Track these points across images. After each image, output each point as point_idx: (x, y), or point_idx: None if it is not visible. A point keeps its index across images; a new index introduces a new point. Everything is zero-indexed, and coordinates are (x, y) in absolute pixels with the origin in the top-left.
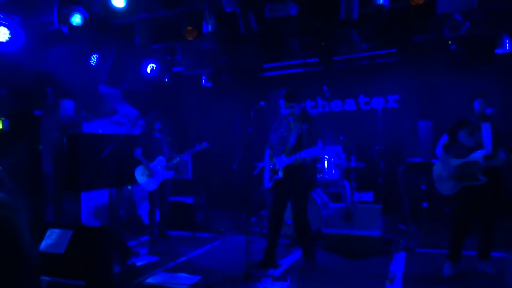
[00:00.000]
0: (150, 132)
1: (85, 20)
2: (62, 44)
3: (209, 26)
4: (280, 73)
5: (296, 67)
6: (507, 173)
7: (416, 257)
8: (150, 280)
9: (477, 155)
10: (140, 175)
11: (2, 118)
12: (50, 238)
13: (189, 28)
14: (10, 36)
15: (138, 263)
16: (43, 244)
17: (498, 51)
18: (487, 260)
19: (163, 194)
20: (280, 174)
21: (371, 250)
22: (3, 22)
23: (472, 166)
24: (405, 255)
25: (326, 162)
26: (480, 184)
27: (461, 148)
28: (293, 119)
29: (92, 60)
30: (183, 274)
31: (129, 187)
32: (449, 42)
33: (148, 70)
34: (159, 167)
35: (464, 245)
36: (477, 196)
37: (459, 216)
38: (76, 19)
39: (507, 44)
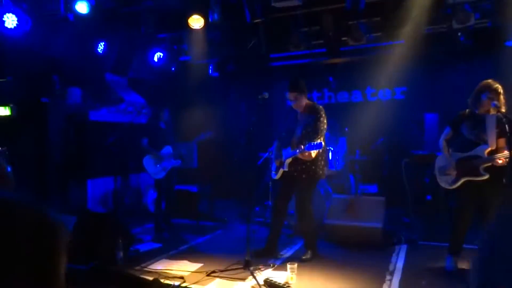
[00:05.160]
0: (157, 122)
1: (92, 8)
2: (69, 31)
3: (215, 15)
4: (287, 64)
5: (303, 58)
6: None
7: (418, 250)
8: (152, 266)
9: (480, 149)
10: (148, 163)
11: (11, 105)
12: None
13: (196, 16)
14: (17, 23)
15: (142, 250)
16: None
17: (508, 43)
18: None
19: (169, 183)
20: (285, 166)
21: (373, 242)
22: (11, 9)
23: (475, 161)
24: (407, 247)
25: (330, 154)
26: (482, 179)
27: (465, 142)
28: (300, 110)
29: (99, 48)
30: (185, 261)
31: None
32: (458, 33)
33: (155, 59)
34: (166, 155)
35: (465, 239)
36: (479, 191)
37: (459, 210)
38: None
39: None
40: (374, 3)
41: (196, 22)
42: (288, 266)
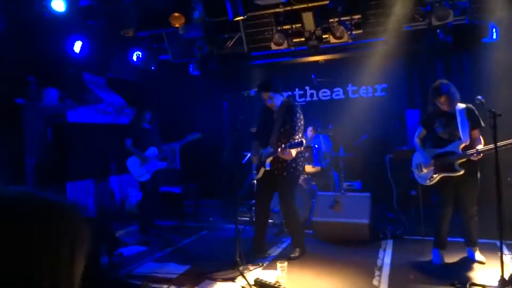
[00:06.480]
0: (139, 123)
1: (68, 6)
2: (45, 30)
3: (197, 12)
4: (269, 62)
5: (285, 56)
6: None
7: (404, 245)
8: (138, 270)
9: (454, 145)
10: (133, 165)
11: None
12: None
13: (176, 14)
14: None
15: (126, 253)
16: None
17: (485, 40)
18: (474, 247)
19: (154, 184)
20: (268, 165)
21: (361, 238)
22: None
23: (449, 157)
24: (393, 242)
25: (314, 151)
26: (457, 175)
27: (439, 138)
28: (276, 109)
29: (76, 47)
30: (171, 264)
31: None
32: (437, 30)
33: (134, 58)
34: (152, 157)
35: (449, 233)
36: (455, 186)
37: (440, 205)
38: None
39: (494, 33)
40: (355, 1)
41: (176, 20)
42: (278, 264)
